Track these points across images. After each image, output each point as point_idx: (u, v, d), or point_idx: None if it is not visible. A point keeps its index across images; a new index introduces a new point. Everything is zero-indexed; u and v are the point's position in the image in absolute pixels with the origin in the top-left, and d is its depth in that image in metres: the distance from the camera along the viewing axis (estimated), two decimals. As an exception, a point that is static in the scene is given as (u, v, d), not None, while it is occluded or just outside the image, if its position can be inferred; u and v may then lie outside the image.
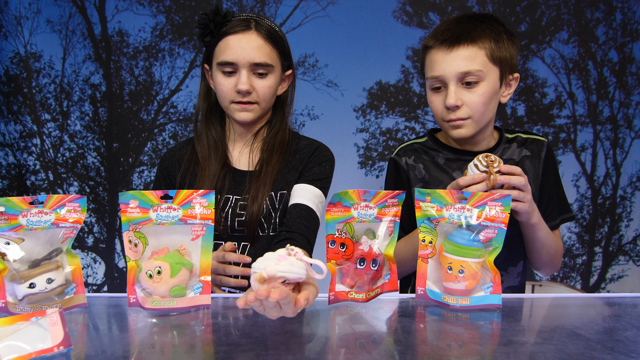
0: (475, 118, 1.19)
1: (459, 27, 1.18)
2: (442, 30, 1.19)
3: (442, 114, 1.21)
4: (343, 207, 0.93)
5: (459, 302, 0.93)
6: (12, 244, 0.89)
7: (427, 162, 1.30)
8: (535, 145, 1.30)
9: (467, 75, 1.16)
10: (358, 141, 2.27)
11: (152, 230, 0.93)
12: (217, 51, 1.23)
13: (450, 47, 1.16)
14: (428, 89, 1.24)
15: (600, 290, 2.33)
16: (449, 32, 1.17)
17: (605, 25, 2.23)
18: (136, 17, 2.22)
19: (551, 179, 1.30)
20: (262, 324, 0.85)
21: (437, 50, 1.18)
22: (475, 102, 1.18)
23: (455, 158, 1.29)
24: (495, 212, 0.92)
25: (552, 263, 1.28)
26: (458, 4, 2.20)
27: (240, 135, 1.33)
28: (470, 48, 1.16)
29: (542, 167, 1.29)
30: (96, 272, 2.32)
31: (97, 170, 2.29)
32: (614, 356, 0.70)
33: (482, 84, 1.17)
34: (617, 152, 2.29)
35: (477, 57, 1.16)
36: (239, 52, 1.20)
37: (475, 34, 1.17)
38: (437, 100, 1.21)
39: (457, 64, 1.16)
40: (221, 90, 1.24)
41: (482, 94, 1.17)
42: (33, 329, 0.70)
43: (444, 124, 1.24)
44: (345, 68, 2.22)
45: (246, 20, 1.22)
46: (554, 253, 1.26)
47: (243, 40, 1.21)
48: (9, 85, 2.21)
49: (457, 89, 1.17)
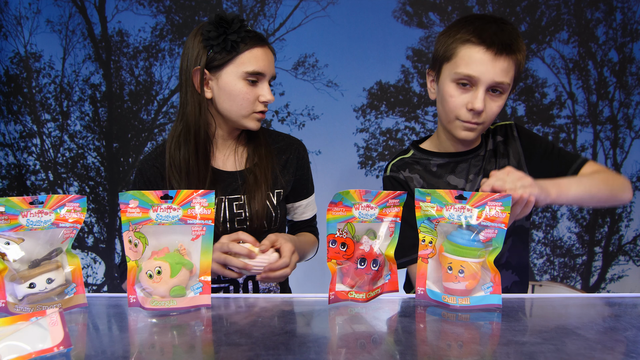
0: (485, 125, 1.22)
1: (504, 35, 1.16)
2: (486, 30, 1.16)
3: (460, 113, 1.20)
4: (344, 206, 0.93)
5: (459, 302, 0.93)
6: (12, 244, 0.89)
7: (421, 172, 1.32)
8: (504, 130, 1.33)
9: (498, 85, 1.17)
10: (358, 141, 2.27)
11: (152, 230, 0.93)
12: (245, 60, 1.23)
13: (498, 55, 1.15)
14: (449, 80, 1.20)
15: (600, 290, 2.33)
16: (496, 37, 1.15)
17: (605, 25, 2.23)
18: (136, 17, 2.22)
19: (541, 146, 1.29)
20: (262, 324, 0.85)
21: (482, 51, 1.15)
22: (493, 111, 1.20)
23: (445, 162, 1.31)
24: (495, 212, 0.92)
25: (617, 191, 1.18)
26: (458, 4, 2.20)
27: (224, 140, 1.34)
28: (509, 60, 1.16)
29: (522, 145, 1.30)
30: (96, 272, 2.32)
31: (97, 170, 2.29)
32: (614, 356, 0.70)
33: (504, 95, 1.20)
34: (617, 152, 2.29)
35: (511, 71, 1.17)
36: (267, 65, 1.26)
37: (515, 47, 1.17)
38: (460, 97, 1.19)
39: (496, 72, 1.15)
40: (245, 99, 1.25)
41: (500, 105, 1.20)
42: (33, 329, 0.70)
43: (455, 122, 1.22)
44: (345, 68, 2.22)
45: (259, 35, 1.28)
46: (608, 188, 1.16)
47: (268, 54, 1.28)
48: (9, 85, 2.21)
49: (485, 95, 1.17)
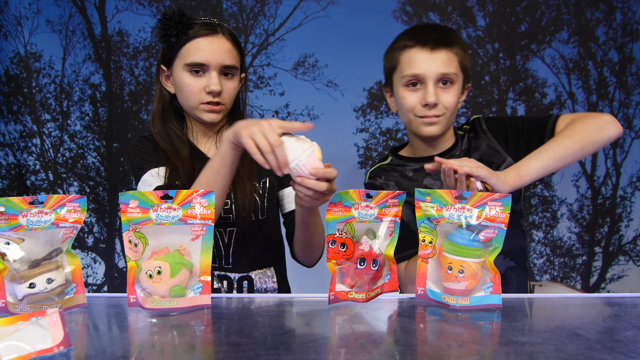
0: (446, 116, 1.27)
1: (436, 32, 1.26)
2: (420, 33, 1.27)
3: (417, 110, 1.27)
4: (344, 207, 0.93)
5: (459, 302, 0.93)
6: (12, 244, 0.89)
7: (397, 178, 1.35)
8: (474, 125, 1.36)
9: (444, 77, 1.25)
10: (358, 141, 2.27)
11: (152, 230, 0.93)
12: (185, 52, 1.25)
13: (433, 49, 1.24)
14: (400, 86, 1.28)
15: (600, 290, 2.33)
16: (429, 35, 1.25)
17: (605, 25, 2.23)
18: (136, 17, 2.22)
19: (511, 127, 1.31)
20: (262, 324, 0.85)
21: (419, 50, 1.25)
22: (449, 101, 1.26)
23: (420, 167, 1.33)
24: (495, 212, 0.92)
25: (592, 136, 1.16)
26: (458, 4, 2.20)
27: (204, 133, 1.35)
28: (448, 52, 1.25)
29: (494, 136, 1.32)
30: (96, 272, 2.32)
31: (97, 170, 2.29)
32: (614, 356, 0.70)
33: (455, 85, 1.26)
34: (617, 152, 2.29)
35: (453, 62, 1.26)
36: (210, 54, 1.24)
37: (451, 40, 1.26)
38: (413, 96, 1.27)
39: (438, 65, 1.24)
40: (189, 91, 1.25)
41: (454, 95, 1.26)
42: (33, 329, 0.70)
43: (416, 120, 1.28)
44: (345, 68, 2.22)
45: (211, 24, 1.27)
46: (576, 140, 1.15)
47: (214, 43, 1.25)
48: (9, 85, 2.21)
49: (435, 88, 1.24)
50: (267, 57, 2.23)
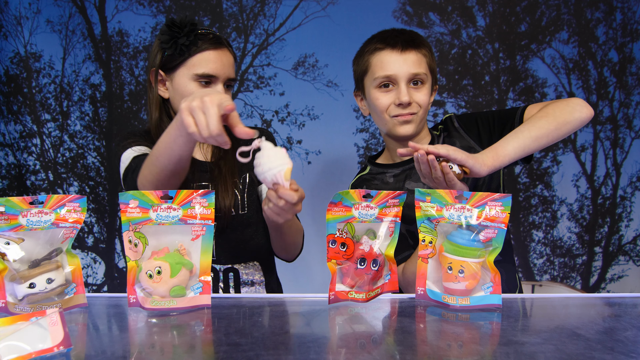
0: (420, 114, 1.30)
1: (405, 35, 1.31)
2: (389, 36, 1.31)
3: (391, 110, 1.30)
4: (344, 206, 0.94)
5: (459, 302, 0.93)
6: (12, 244, 0.89)
7: (378, 186, 1.37)
8: (446, 124, 1.38)
9: (415, 77, 1.29)
10: (358, 141, 2.27)
11: (152, 230, 0.93)
12: (196, 63, 1.26)
13: (403, 50, 1.28)
14: (373, 88, 1.31)
15: (600, 290, 2.33)
16: (397, 38, 1.30)
17: (605, 25, 2.23)
18: (136, 17, 2.22)
19: (482, 122, 1.33)
20: (262, 324, 0.85)
21: (389, 52, 1.29)
22: (422, 100, 1.29)
23: (400, 172, 1.36)
24: (495, 212, 0.92)
25: (565, 118, 1.16)
26: (458, 4, 2.20)
27: None
28: (417, 54, 1.29)
29: (466, 133, 1.34)
30: (96, 272, 2.32)
31: (97, 170, 2.29)
32: (614, 356, 0.70)
33: (425, 85, 1.31)
34: (617, 152, 2.29)
35: (422, 63, 1.30)
36: (220, 67, 1.27)
37: (419, 42, 1.31)
38: (386, 97, 1.30)
39: (409, 65, 1.28)
40: None
41: (426, 94, 1.31)
42: (33, 329, 0.70)
43: (391, 121, 1.30)
44: (345, 68, 2.20)
45: (219, 37, 1.30)
46: (550, 121, 1.16)
47: (223, 57, 1.29)
48: (9, 85, 2.21)
49: (407, 88, 1.28)
50: (267, 57, 2.23)
